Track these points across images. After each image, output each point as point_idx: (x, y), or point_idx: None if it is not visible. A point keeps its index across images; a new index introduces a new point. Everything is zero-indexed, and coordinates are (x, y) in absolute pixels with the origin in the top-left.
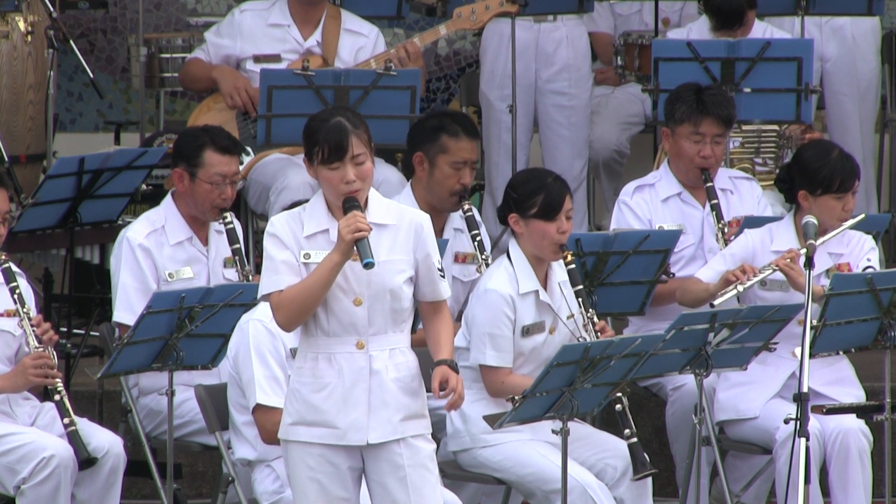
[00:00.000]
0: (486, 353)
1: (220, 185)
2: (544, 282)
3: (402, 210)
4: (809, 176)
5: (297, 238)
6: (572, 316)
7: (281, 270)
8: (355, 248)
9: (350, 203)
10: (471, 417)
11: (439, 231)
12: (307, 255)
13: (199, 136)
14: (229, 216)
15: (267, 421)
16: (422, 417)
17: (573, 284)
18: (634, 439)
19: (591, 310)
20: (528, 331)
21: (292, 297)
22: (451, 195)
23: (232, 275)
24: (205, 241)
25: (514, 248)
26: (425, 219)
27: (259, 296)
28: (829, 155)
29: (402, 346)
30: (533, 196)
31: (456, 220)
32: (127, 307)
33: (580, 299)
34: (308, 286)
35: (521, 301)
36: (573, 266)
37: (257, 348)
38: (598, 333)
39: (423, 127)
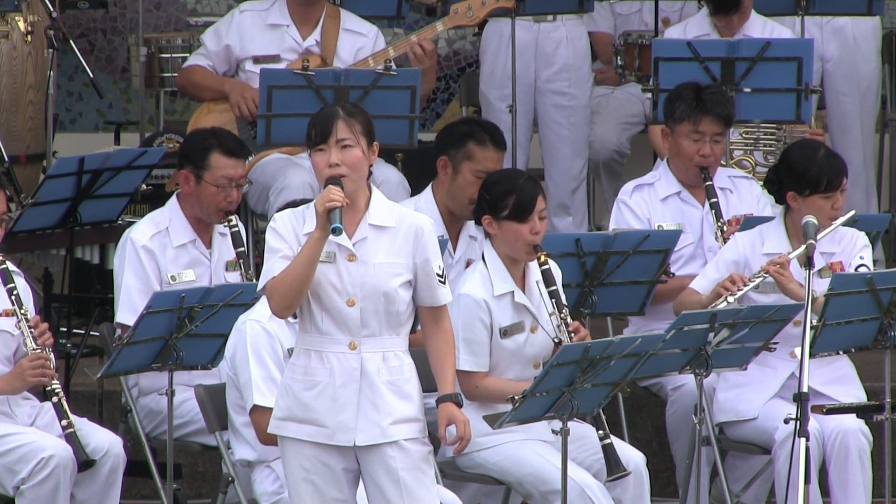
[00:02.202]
0: (460, 357)
1: (226, 188)
2: (521, 282)
3: (404, 213)
4: (797, 177)
5: (296, 234)
6: (554, 313)
7: (277, 261)
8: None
9: (331, 181)
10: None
11: (455, 237)
12: None
13: (207, 139)
14: (234, 219)
15: (264, 422)
16: (415, 421)
17: (547, 285)
18: (608, 440)
19: (564, 310)
20: (506, 332)
21: (280, 281)
22: (470, 203)
23: (234, 278)
24: (208, 244)
25: (488, 249)
26: (426, 223)
27: (258, 289)
28: (816, 154)
29: (398, 349)
30: (505, 197)
31: (471, 227)
32: (130, 308)
33: (554, 300)
34: (293, 267)
35: (496, 303)
36: (547, 267)
37: (255, 349)
38: (572, 335)
39: (452, 131)
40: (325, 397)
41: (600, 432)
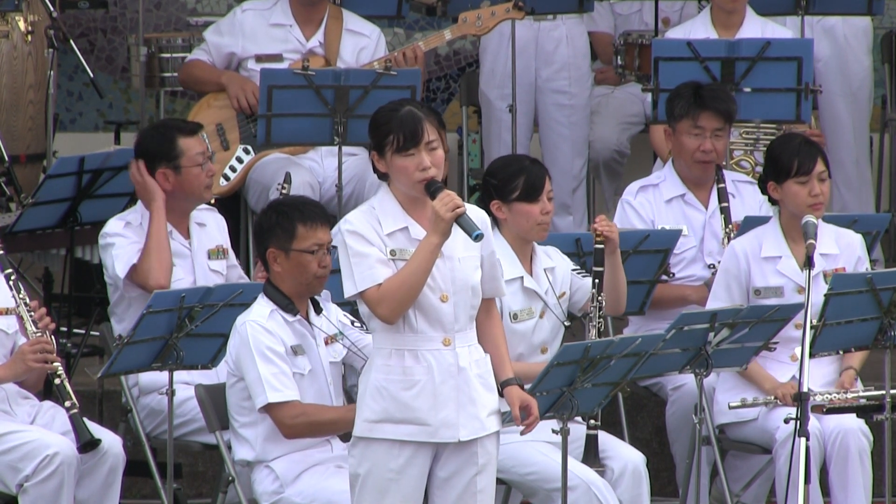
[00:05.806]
0: None
1: (204, 164)
2: (529, 268)
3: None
4: (773, 165)
5: (380, 235)
6: (563, 295)
7: (375, 265)
8: (456, 225)
9: (434, 185)
10: None
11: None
12: (393, 252)
13: (165, 131)
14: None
15: (285, 416)
16: (498, 413)
17: (596, 265)
18: (595, 432)
19: (601, 295)
20: (516, 317)
21: (396, 287)
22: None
23: (217, 266)
24: (186, 234)
25: (496, 236)
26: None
27: (352, 292)
28: (791, 142)
29: (476, 341)
30: (514, 179)
31: None
32: (124, 260)
33: (597, 280)
34: (410, 274)
35: (506, 287)
36: (601, 246)
37: (258, 348)
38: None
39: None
40: (425, 395)
41: (591, 421)
